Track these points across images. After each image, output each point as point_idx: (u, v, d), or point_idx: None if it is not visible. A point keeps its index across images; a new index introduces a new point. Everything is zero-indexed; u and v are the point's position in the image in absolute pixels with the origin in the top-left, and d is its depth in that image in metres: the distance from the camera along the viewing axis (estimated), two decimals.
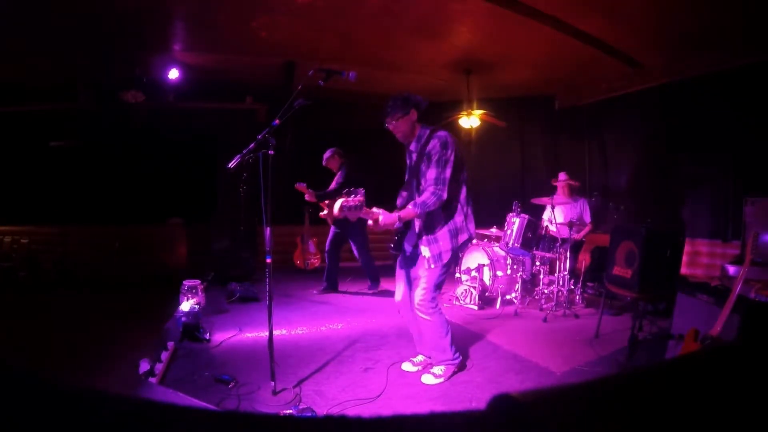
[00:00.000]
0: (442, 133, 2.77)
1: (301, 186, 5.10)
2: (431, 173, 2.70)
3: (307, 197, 5.16)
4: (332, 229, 5.37)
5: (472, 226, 2.91)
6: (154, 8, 4.60)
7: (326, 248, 5.43)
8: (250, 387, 2.73)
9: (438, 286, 2.86)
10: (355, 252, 5.42)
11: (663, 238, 3.45)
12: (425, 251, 2.81)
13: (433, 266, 2.79)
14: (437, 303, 2.88)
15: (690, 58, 5.46)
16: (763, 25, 4.41)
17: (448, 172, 2.72)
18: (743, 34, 4.74)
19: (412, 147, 2.86)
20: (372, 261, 5.52)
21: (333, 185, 5.25)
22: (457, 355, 2.95)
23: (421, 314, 2.87)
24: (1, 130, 6.58)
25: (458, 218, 2.82)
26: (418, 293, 2.84)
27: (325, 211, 5.26)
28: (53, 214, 6.58)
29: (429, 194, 2.66)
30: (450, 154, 2.73)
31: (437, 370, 2.91)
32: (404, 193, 2.87)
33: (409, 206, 2.67)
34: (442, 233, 2.79)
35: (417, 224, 2.86)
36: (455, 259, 3.00)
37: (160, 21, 4.99)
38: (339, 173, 5.27)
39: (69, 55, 5.62)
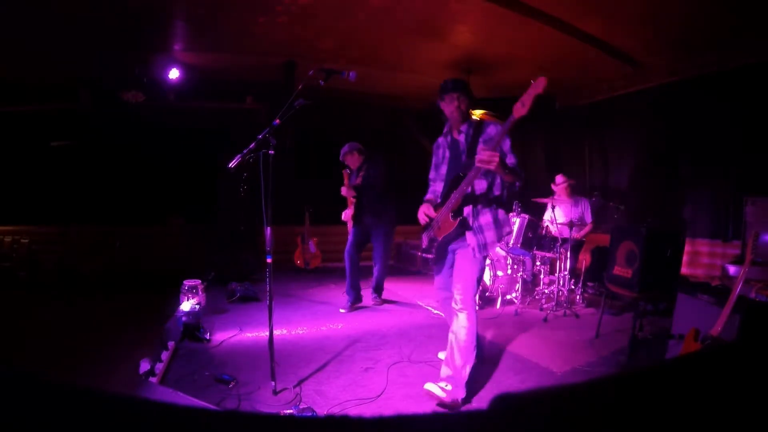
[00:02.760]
0: (499, 123, 2.68)
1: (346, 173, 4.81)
2: (511, 159, 2.62)
3: (344, 191, 4.75)
4: (353, 231, 4.79)
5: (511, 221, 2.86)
6: (154, 8, 4.61)
7: (348, 254, 4.74)
8: (250, 387, 2.73)
9: (479, 280, 2.70)
10: (378, 256, 4.83)
11: (663, 237, 3.45)
12: (471, 239, 2.67)
13: (478, 256, 2.66)
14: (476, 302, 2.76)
15: (690, 58, 5.46)
16: (763, 26, 4.41)
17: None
18: (742, 35, 4.75)
19: (463, 128, 2.77)
20: (387, 272, 5.00)
21: (359, 181, 4.73)
22: (466, 386, 2.61)
23: (462, 311, 2.63)
24: (1, 130, 6.58)
25: (502, 210, 2.76)
26: (460, 288, 2.66)
27: (349, 211, 4.84)
28: (54, 213, 6.59)
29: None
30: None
31: (446, 385, 2.58)
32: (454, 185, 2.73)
33: (509, 161, 2.56)
34: (487, 222, 2.68)
35: (466, 210, 2.69)
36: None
37: (161, 21, 5.00)
38: (365, 171, 4.72)
39: (69, 54, 5.63)
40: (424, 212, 2.85)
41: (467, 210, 2.68)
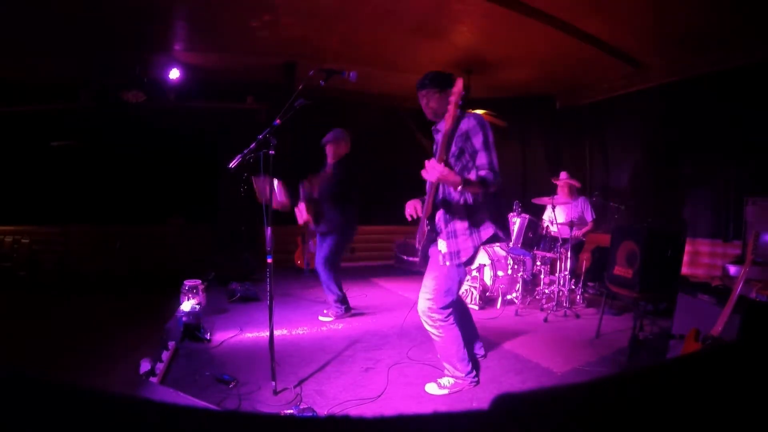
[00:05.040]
0: (477, 114, 2.54)
1: None
2: (482, 158, 2.40)
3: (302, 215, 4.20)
4: (318, 241, 4.35)
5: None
6: (155, 8, 4.61)
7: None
8: (250, 387, 2.73)
9: (449, 291, 2.57)
10: (320, 258, 4.21)
11: (664, 237, 3.45)
12: (442, 246, 2.55)
13: (447, 263, 2.53)
14: (449, 313, 2.62)
15: (690, 58, 5.46)
16: (763, 25, 4.41)
17: (496, 156, 2.43)
18: (743, 34, 4.74)
19: (440, 126, 2.54)
20: (336, 281, 4.26)
21: (329, 176, 4.19)
22: (471, 373, 2.74)
23: (427, 326, 2.65)
24: (1, 130, 6.58)
25: (483, 213, 2.56)
26: (424, 300, 2.61)
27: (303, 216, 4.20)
28: (54, 213, 6.59)
29: (487, 173, 2.36)
30: (491, 137, 2.46)
31: (445, 381, 2.75)
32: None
33: (471, 175, 2.37)
34: (463, 228, 2.53)
35: (438, 214, 2.57)
36: (473, 260, 2.64)
37: (161, 21, 5.00)
38: (337, 169, 4.21)
39: (70, 55, 5.63)
40: (413, 206, 2.63)
41: (438, 215, 2.59)
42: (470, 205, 2.54)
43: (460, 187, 2.23)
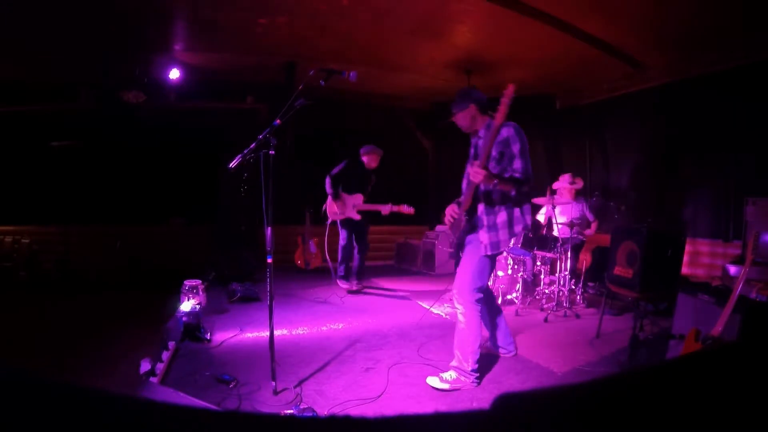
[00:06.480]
0: (515, 124, 2.85)
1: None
2: (518, 164, 2.77)
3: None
4: (347, 229, 5.47)
5: (528, 216, 2.94)
6: (155, 8, 4.61)
7: (350, 248, 5.53)
8: (250, 387, 2.73)
9: (482, 273, 2.84)
10: (363, 243, 5.58)
11: (664, 238, 3.45)
12: (483, 237, 2.82)
13: (489, 253, 2.81)
14: (478, 299, 2.84)
15: (690, 58, 5.46)
16: (763, 25, 4.40)
17: (530, 164, 2.79)
18: (743, 34, 4.74)
19: (481, 133, 2.92)
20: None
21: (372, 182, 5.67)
22: (475, 373, 2.81)
23: (456, 304, 2.87)
24: (1, 130, 6.58)
25: (516, 209, 2.88)
26: (459, 279, 2.87)
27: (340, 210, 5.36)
28: (54, 214, 6.59)
29: (521, 176, 2.76)
30: (527, 146, 2.82)
31: (447, 375, 2.80)
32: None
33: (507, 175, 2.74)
34: (502, 222, 2.83)
35: (480, 208, 2.87)
36: (505, 248, 2.98)
37: (161, 21, 5.00)
38: (374, 176, 5.63)
39: (70, 55, 5.63)
40: (449, 212, 3.00)
41: (480, 209, 2.86)
42: (507, 201, 2.87)
43: (496, 181, 2.61)
